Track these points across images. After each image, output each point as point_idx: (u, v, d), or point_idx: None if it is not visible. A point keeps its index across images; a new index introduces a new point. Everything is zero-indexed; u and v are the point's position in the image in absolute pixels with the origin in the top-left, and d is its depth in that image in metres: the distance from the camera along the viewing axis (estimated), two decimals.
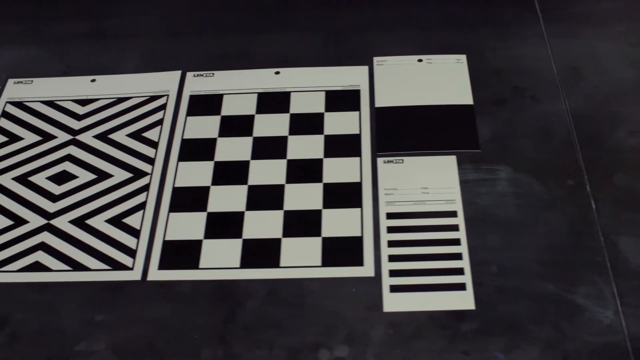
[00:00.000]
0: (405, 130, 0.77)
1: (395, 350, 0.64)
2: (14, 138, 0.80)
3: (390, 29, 0.87)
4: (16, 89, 0.86)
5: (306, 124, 0.78)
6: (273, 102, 0.80)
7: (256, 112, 0.79)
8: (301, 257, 0.68)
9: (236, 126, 0.78)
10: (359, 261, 0.68)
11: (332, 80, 0.82)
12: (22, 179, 0.76)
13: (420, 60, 0.83)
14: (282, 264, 0.68)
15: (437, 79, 0.81)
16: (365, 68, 0.82)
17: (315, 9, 0.90)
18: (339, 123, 0.78)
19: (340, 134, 0.77)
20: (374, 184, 0.74)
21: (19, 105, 0.84)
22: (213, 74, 0.84)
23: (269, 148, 0.76)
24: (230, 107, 0.80)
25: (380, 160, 0.75)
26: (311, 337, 0.64)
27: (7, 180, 0.77)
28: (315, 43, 0.86)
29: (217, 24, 0.90)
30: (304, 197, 0.72)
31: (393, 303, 0.65)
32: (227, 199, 0.73)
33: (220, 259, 0.69)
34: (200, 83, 0.83)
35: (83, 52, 0.88)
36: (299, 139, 0.77)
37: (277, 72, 0.84)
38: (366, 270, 0.68)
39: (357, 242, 0.69)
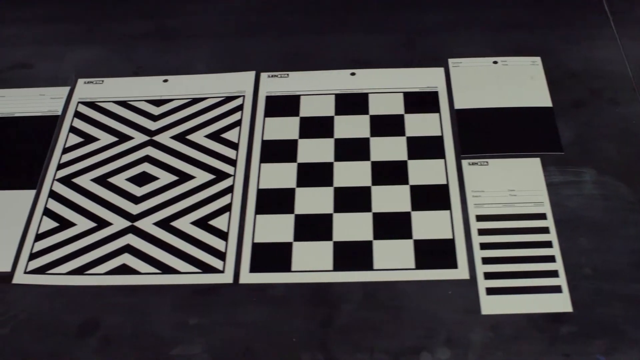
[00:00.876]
0: (488, 132, 0.77)
1: (497, 352, 0.64)
2: (89, 139, 0.79)
3: (461, 30, 0.87)
4: (87, 89, 0.85)
5: (387, 125, 0.78)
6: (351, 103, 0.80)
7: (335, 114, 0.79)
8: (394, 260, 0.68)
9: (316, 127, 0.78)
10: (452, 264, 0.68)
11: (409, 81, 0.81)
12: (102, 180, 0.76)
13: (495, 62, 0.83)
14: (375, 266, 0.68)
15: (514, 81, 0.81)
16: (441, 70, 0.82)
17: (387, 10, 0.90)
18: (419, 125, 0.78)
19: (422, 135, 0.76)
20: (461, 186, 0.74)
21: (91, 105, 0.83)
22: (288, 74, 0.84)
23: (352, 150, 0.76)
24: (309, 108, 0.80)
25: (464, 163, 0.74)
26: (411, 340, 0.64)
27: (85, 181, 0.76)
28: (388, 44, 0.86)
29: (287, 24, 0.89)
30: (391, 199, 0.72)
31: (491, 305, 0.65)
32: (313, 201, 0.72)
33: (313, 262, 0.68)
34: (275, 84, 0.83)
35: (152, 52, 0.88)
36: (381, 141, 0.76)
37: (353, 74, 0.83)
38: (460, 272, 0.67)
39: (449, 244, 0.69)
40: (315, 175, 0.74)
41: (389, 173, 0.74)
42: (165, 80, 0.84)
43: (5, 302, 0.69)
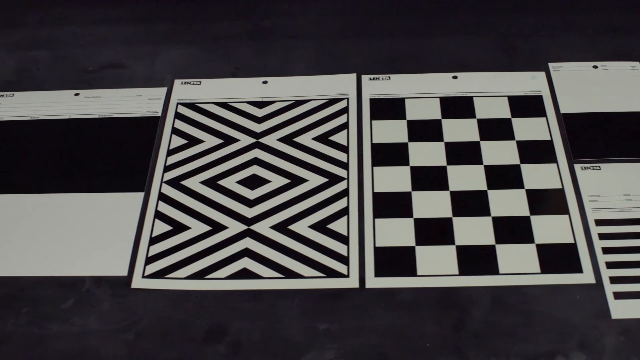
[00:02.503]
0: (597, 137, 0.77)
1: (632, 357, 0.63)
2: (193, 140, 0.78)
3: (560, 34, 0.87)
4: (185, 89, 0.83)
5: (495, 129, 0.77)
6: (456, 106, 0.79)
7: (442, 117, 0.80)
8: (519, 264, 0.67)
9: (424, 131, 0.77)
10: (577, 268, 0.67)
11: (511, 85, 0.81)
12: (212, 183, 0.74)
13: (595, 67, 0.83)
14: (501, 270, 0.67)
15: (616, 86, 0.81)
16: (542, 74, 0.82)
17: (485, 13, 0.90)
18: (527, 129, 0.77)
19: (531, 139, 0.76)
20: (576, 191, 0.74)
21: (191, 106, 0.82)
22: (389, 77, 0.83)
23: (463, 153, 0.75)
24: (415, 112, 0.79)
25: (577, 167, 0.74)
26: (545, 344, 0.64)
27: (195, 184, 0.75)
28: (487, 47, 0.86)
29: (385, 27, 0.89)
30: (509, 203, 0.71)
31: (620, 310, 0.65)
32: (431, 204, 0.71)
33: (438, 266, 0.68)
34: (378, 86, 0.82)
35: (249, 53, 0.87)
36: (491, 145, 0.76)
37: (455, 77, 0.83)
38: (586, 277, 0.67)
39: (572, 249, 0.68)
40: (429, 178, 0.74)
41: (503, 177, 0.73)
42: (265, 82, 0.83)
43: (125, 307, 0.68)
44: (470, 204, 0.72)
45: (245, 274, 0.68)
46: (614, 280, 0.68)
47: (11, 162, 0.79)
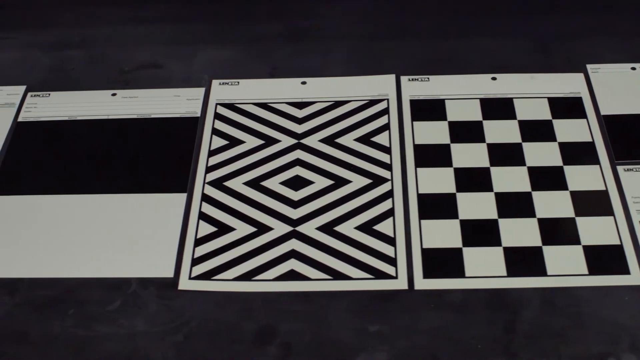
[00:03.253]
0: (639, 138, 0.77)
1: None
2: (234, 141, 0.78)
3: (597, 36, 0.87)
4: (223, 90, 0.83)
5: (536, 131, 0.77)
6: (496, 108, 0.79)
7: (483, 118, 0.80)
8: (567, 266, 0.67)
9: (466, 132, 0.77)
10: (624, 269, 0.67)
11: (550, 87, 0.81)
12: (255, 184, 0.74)
13: (633, 69, 0.84)
14: (549, 272, 0.67)
15: None
16: (581, 75, 0.82)
17: (522, 14, 0.89)
18: (568, 130, 0.77)
19: (573, 141, 0.76)
20: (620, 192, 0.74)
21: (230, 106, 0.81)
22: (428, 78, 0.83)
23: (506, 155, 0.75)
24: (455, 113, 0.79)
25: (620, 168, 0.74)
26: (596, 346, 0.64)
27: (238, 184, 0.74)
28: (524, 48, 0.86)
29: (421, 28, 0.88)
30: (553, 204, 0.71)
31: None
32: (476, 206, 0.71)
33: (485, 267, 0.67)
34: (417, 87, 0.82)
35: (286, 54, 0.87)
36: (533, 146, 0.76)
37: (494, 78, 0.82)
38: (634, 278, 0.67)
39: (618, 250, 0.68)
40: (473, 180, 0.73)
41: (547, 178, 0.73)
42: (304, 83, 0.83)
43: (173, 309, 0.67)
44: (515, 205, 0.71)
45: (293, 275, 0.68)
46: None
47: (51, 162, 0.77)
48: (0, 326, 0.67)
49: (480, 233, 0.70)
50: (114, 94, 0.83)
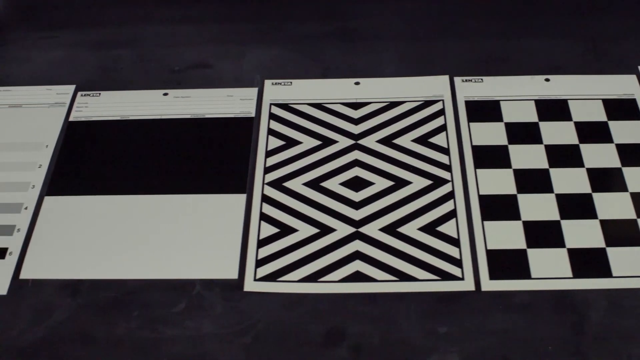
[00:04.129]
0: None
1: None
2: (291, 142, 0.78)
3: None
4: (276, 90, 0.83)
5: (593, 132, 0.77)
6: (551, 109, 0.79)
7: (539, 120, 0.80)
8: (632, 267, 0.67)
9: (523, 133, 0.77)
10: None
11: (602, 88, 0.81)
12: (315, 185, 0.74)
13: None
14: (614, 273, 0.67)
15: None
16: (634, 77, 0.82)
17: (572, 14, 0.89)
18: (625, 132, 0.77)
19: (630, 142, 0.76)
20: None
21: (284, 107, 0.81)
22: (482, 79, 0.83)
23: (564, 156, 0.75)
24: (511, 114, 0.79)
25: None
26: None
27: (297, 185, 0.74)
28: (575, 50, 0.85)
29: (473, 28, 0.88)
30: (615, 206, 0.71)
31: None
32: (537, 207, 0.71)
33: (551, 269, 0.67)
34: (471, 88, 0.82)
35: (337, 54, 0.86)
36: (591, 148, 0.76)
37: (547, 79, 0.82)
38: None
39: None
40: (533, 181, 0.73)
41: (606, 180, 0.73)
42: (357, 83, 0.83)
43: (240, 311, 0.67)
44: (576, 207, 0.71)
45: (358, 276, 0.68)
46: None
47: (105, 162, 0.77)
48: (64, 328, 0.66)
49: (544, 234, 0.70)
50: (165, 94, 0.83)
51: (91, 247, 0.71)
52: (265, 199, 0.73)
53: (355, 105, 0.81)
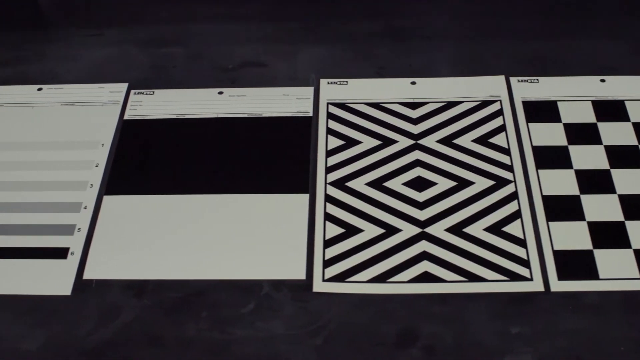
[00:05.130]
0: None
1: None
2: (351, 141, 0.77)
3: None
4: (332, 89, 0.82)
5: None
6: (608, 110, 0.79)
7: (597, 120, 0.80)
8: None
9: (582, 134, 0.77)
10: None
11: None
12: (377, 185, 0.73)
13: None
14: None
15: None
16: None
17: (623, 15, 0.89)
18: None
19: None
20: None
21: (342, 106, 0.81)
22: (537, 80, 0.83)
23: (624, 157, 0.75)
24: (568, 115, 0.79)
25: None
26: None
27: (360, 185, 0.74)
28: (627, 50, 0.85)
29: (526, 28, 0.88)
30: None
31: None
32: (601, 208, 0.71)
33: (618, 270, 0.67)
34: (527, 89, 0.81)
35: (391, 53, 0.86)
36: None
37: (603, 80, 0.82)
38: None
39: None
40: (595, 182, 0.73)
41: None
42: (413, 83, 0.82)
43: (309, 312, 0.66)
44: None
45: (427, 277, 0.67)
46: None
47: (164, 161, 0.76)
48: (132, 329, 0.66)
49: (609, 235, 0.70)
50: (220, 92, 0.82)
51: (154, 247, 0.70)
52: (329, 198, 0.73)
53: (413, 105, 0.81)
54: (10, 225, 0.72)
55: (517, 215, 0.72)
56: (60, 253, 0.70)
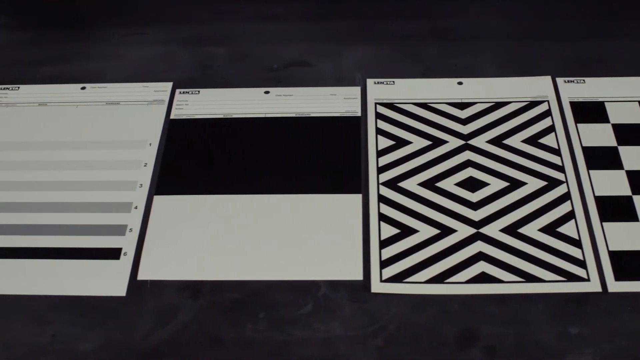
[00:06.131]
0: None
1: None
2: (401, 142, 0.77)
3: None
4: (379, 89, 0.82)
5: None
6: None
7: None
8: None
9: (631, 135, 0.76)
10: None
11: None
12: (430, 185, 0.73)
13: None
14: None
15: None
16: None
17: None
18: None
19: None
20: None
21: (390, 106, 0.81)
22: (584, 80, 0.83)
23: None
24: (617, 115, 0.79)
25: None
26: None
27: (412, 185, 0.73)
28: None
29: (569, 28, 0.87)
30: None
31: None
32: None
33: None
34: (574, 89, 0.81)
35: (436, 53, 0.85)
36: None
37: None
38: None
39: None
40: None
41: None
42: (460, 83, 0.82)
43: (368, 313, 0.66)
44: None
45: (484, 278, 0.67)
46: None
47: (213, 161, 0.75)
48: (189, 330, 0.65)
49: None
50: (267, 92, 0.82)
51: (208, 248, 0.70)
52: (382, 199, 0.73)
53: (461, 106, 0.81)
54: (62, 225, 0.72)
55: (570, 215, 0.72)
56: (113, 253, 0.70)
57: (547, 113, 0.80)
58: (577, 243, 0.70)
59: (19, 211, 0.74)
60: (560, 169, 0.75)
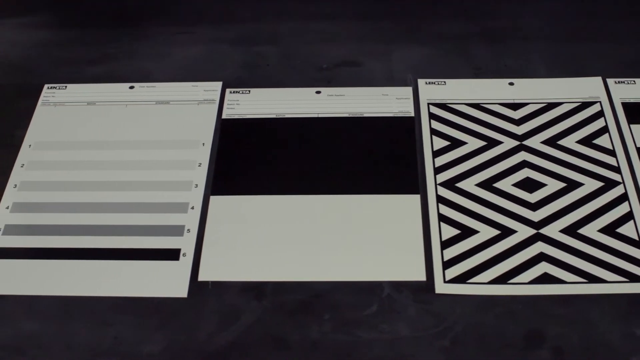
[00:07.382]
0: None
1: None
2: (456, 142, 0.77)
3: None
4: (430, 89, 0.81)
5: None
6: None
7: None
8: None
9: None
10: None
11: None
12: (487, 186, 0.73)
13: None
14: None
15: None
16: None
17: None
18: None
19: None
20: None
21: (443, 106, 0.80)
22: (634, 81, 0.83)
23: None
24: None
25: None
26: None
27: (470, 186, 0.73)
28: None
29: (618, 29, 0.87)
30: None
31: None
32: None
33: None
34: (625, 90, 0.81)
35: (486, 54, 0.85)
36: None
37: None
38: None
39: None
40: None
41: None
42: (511, 84, 0.82)
43: (434, 313, 0.66)
44: None
45: (547, 278, 0.67)
46: None
47: (267, 161, 0.75)
48: (254, 331, 0.65)
49: None
50: (318, 92, 0.81)
51: (269, 249, 0.69)
52: (441, 199, 0.73)
53: (514, 106, 0.81)
54: (119, 225, 0.71)
55: (629, 216, 0.72)
56: (173, 254, 0.69)
57: (600, 114, 0.80)
58: (637, 244, 0.70)
59: (74, 212, 0.72)
60: (616, 169, 0.76)
